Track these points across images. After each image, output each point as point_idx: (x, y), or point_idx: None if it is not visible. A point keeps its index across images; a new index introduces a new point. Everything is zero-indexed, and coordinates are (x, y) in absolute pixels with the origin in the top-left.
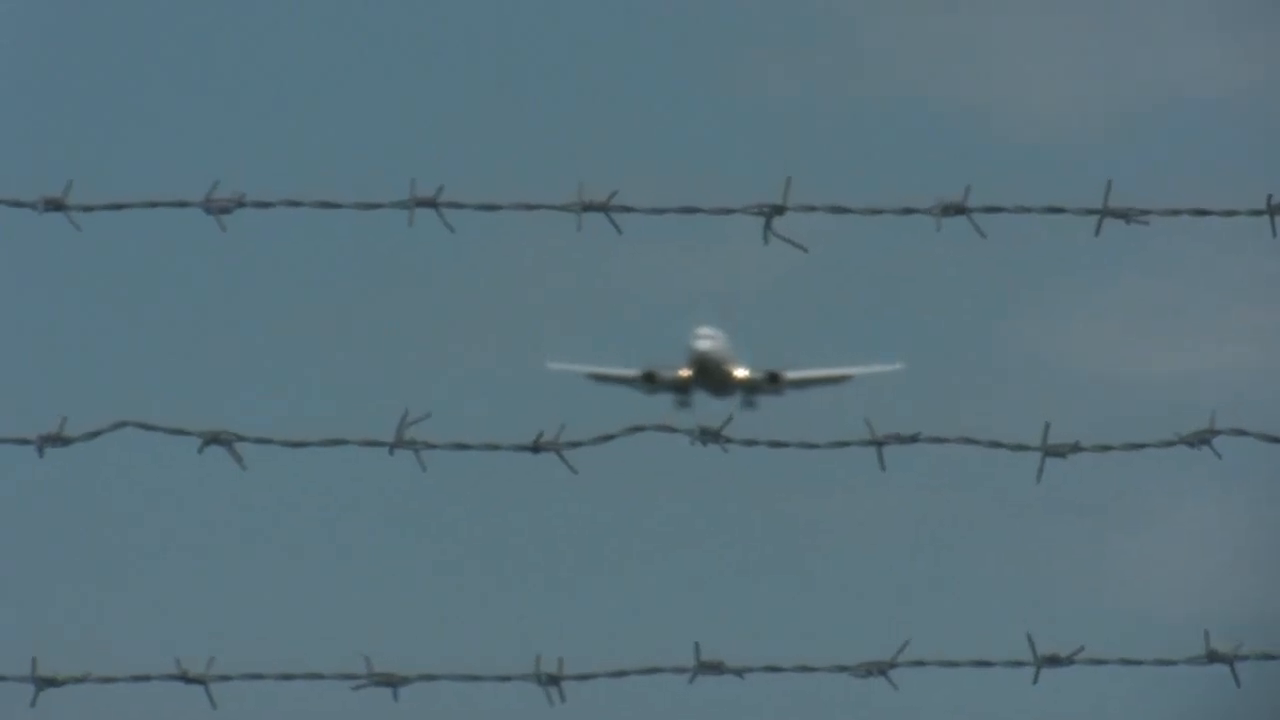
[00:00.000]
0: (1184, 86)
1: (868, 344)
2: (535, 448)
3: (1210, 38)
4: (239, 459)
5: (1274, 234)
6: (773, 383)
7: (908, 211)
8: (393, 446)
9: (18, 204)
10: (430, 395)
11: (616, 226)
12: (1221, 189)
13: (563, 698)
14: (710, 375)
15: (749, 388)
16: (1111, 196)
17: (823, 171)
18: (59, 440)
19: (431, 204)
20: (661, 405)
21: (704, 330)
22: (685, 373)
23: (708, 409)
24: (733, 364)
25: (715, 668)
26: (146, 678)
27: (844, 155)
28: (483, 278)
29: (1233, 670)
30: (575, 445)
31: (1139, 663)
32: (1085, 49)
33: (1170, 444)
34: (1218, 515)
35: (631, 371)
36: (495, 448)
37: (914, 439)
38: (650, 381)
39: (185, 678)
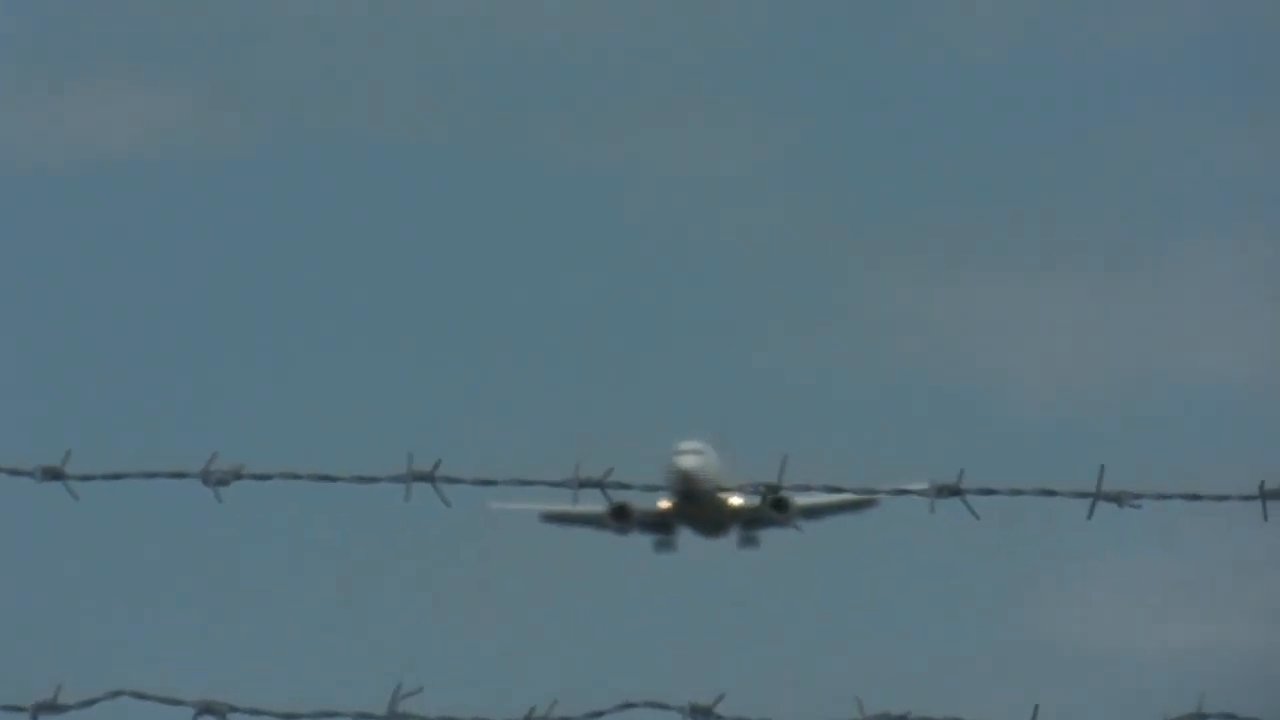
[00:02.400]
0: (1182, 369)
1: (855, 616)
2: None
3: (1208, 323)
4: None
5: (1265, 518)
6: (779, 510)
7: (901, 493)
8: None
9: (16, 472)
10: (424, 667)
11: (610, 501)
12: (1216, 471)
13: None
14: (699, 504)
15: (749, 520)
16: (1106, 477)
17: (821, 443)
18: (53, 708)
19: (428, 478)
20: (638, 552)
21: (688, 445)
22: (666, 504)
23: (697, 551)
24: (726, 489)
25: None
26: None
27: (841, 427)
28: (478, 549)
29: None
30: None
31: None
32: (1083, 328)
33: None
34: None
35: (597, 508)
36: None
37: (902, 719)
38: (622, 519)
39: None
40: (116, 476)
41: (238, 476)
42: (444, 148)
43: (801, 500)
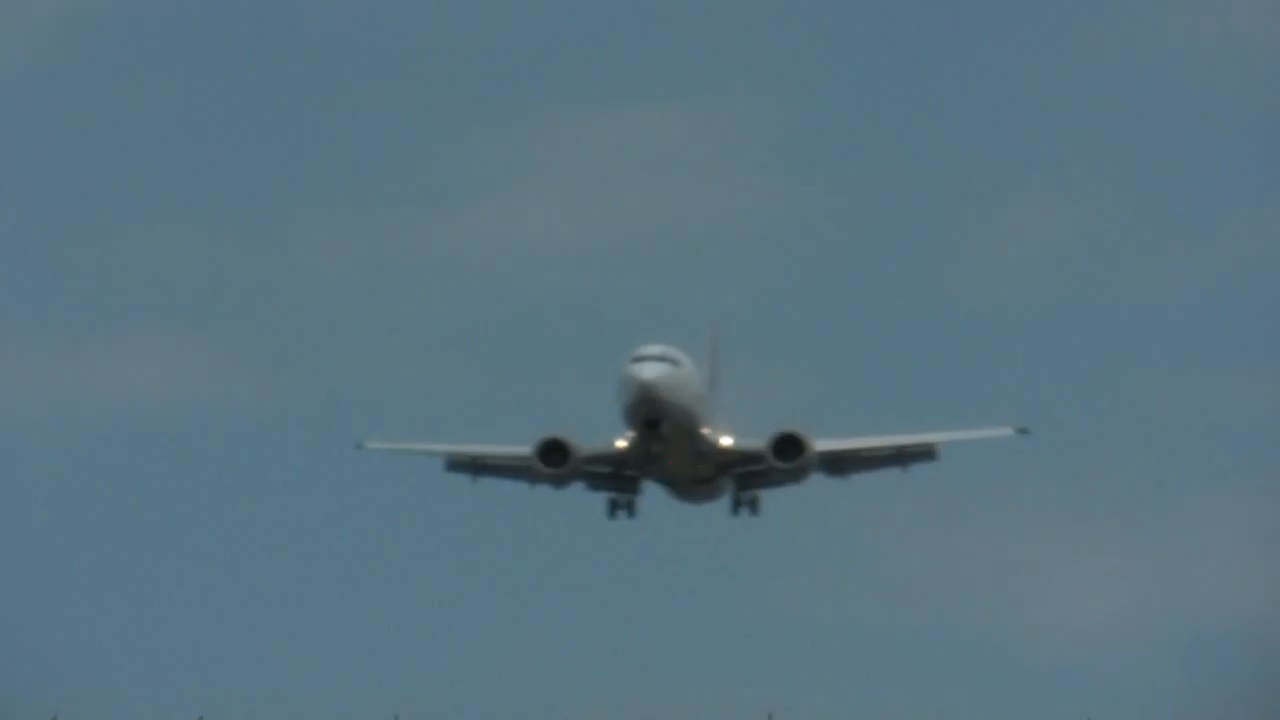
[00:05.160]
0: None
1: None
2: None
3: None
4: None
5: None
6: (787, 457)
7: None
8: None
9: None
10: None
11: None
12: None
13: None
14: (665, 436)
15: (745, 472)
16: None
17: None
18: None
19: None
20: (588, 514)
21: (651, 349)
22: (622, 443)
23: (668, 522)
24: (709, 422)
25: None
26: None
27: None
28: None
29: None
30: None
31: None
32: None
33: None
34: None
35: (521, 450)
36: None
37: None
38: (556, 462)
39: None
40: None
41: None
42: None
43: (825, 445)
